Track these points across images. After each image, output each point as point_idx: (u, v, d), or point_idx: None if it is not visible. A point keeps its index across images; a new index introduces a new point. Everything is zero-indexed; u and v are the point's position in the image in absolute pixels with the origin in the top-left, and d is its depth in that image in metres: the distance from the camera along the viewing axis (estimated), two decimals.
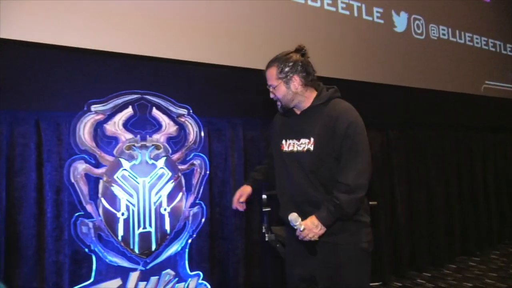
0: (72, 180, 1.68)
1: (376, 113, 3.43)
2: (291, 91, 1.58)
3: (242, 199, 1.80)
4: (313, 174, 1.55)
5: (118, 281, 1.77)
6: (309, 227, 1.47)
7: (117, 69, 2.17)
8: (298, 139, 1.59)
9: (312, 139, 1.54)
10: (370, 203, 1.78)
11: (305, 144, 1.57)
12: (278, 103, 1.63)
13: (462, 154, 4.07)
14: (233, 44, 2.62)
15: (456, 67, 4.00)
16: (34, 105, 2.03)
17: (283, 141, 1.65)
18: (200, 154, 2.03)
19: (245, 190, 1.82)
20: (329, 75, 3.04)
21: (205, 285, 2.03)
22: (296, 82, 1.57)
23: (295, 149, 1.60)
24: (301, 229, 1.46)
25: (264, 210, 2.08)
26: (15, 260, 1.93)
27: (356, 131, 1.50)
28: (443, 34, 4.01)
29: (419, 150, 3.74)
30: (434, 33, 3.89)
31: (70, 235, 1.76)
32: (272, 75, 1.59)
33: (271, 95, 1.63)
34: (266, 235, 2.05)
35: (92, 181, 1.75)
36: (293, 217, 1.47)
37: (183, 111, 1.99)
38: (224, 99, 2.64)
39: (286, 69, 1.56)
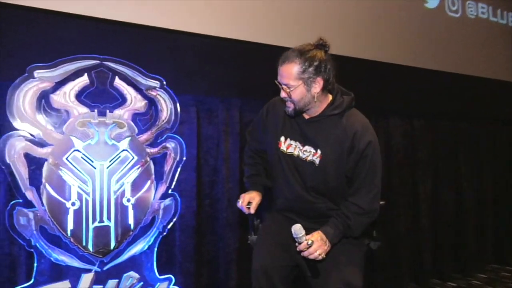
0: (8, 161, 1.38)
1: (400, 99, 3.00)
2: (310, 95, 1.39)
3: (252, 210, 1.52)
4: (312, 188, 1.44)
5: (66, 284, 1.47)
6: (319, 243, 1.32)
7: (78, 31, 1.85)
8: (303, 144, 1.44)
9: (319, 152, 1.41)
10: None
11: (310, 154, 1.42)
12: (290, 105, 1.41)
13: (499, 150, 3.57)
14: (230, 12, 2.28)
15: (495, 51, 3.50)
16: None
17: (282, 138, 1.48)
18: (174, 135, 1.70)
19: (255, 199, 1.53)
20: (348, 54, 2.67)
21: None
22: (318, 85, 1.38)
23: (296, 153, 1.45)
24: (309, 243, 1.31)
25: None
26: None
27: (375, 151, 1.40)
28: (482, 13, 3.52)
29: (448, 143, 3.27)
30: (471, 11, 3.42)
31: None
32: (291, 73, 1.37)
33: (283, 95, 1.40)
34: (249, 237, 1.70)
35: (34, 162, 1.44)
36: (297, 228, 1.31)
37: (154, 83, 1.66)
38: (217, 75, 2.30)
39: (311, 69, 1.36)
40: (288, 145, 1.46)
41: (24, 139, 1.42)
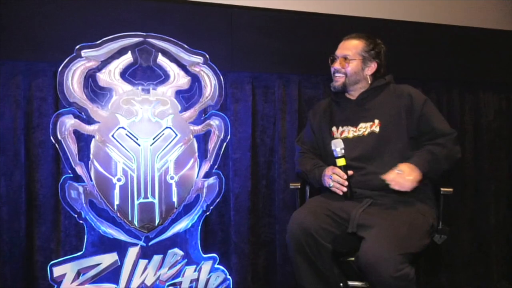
0: (59, 137, 1.47)
1: (494, 69, 2.55)
2: (362, 73, 1.55)
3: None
4: (373, 155, 1.48)
5: (113, 256, 1.53)
6: (408, 169, 1.36)
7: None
8: (355, 125, 1.53)
9: (376, 121, 1.50)
10: (445, 189, 1.54)
11: (366, 128, 1.51)
12: (340, 79, 1.55)
13: None
14: None
15: None
16: (51, 56, 1.87)
17: (334, 128, 1.58)
18: (219, 113, 1.65)
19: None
20: (419, 19, 2.35)
21: (222, 270, 1.68)
22: (372, 67, 1.55)
23: (350, 135, 1.53)
24: (398, 170, 1.35)
25: (292, 186, 1.63)
26: (35, 219, 1.85)
27: (433, 107, 1.54)
28: None
29: None
30: None
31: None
32: (355, 47, 1.54)
33: (336, 66, 1.56)
34: None
35: (83, 139, 1.51)
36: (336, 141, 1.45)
37: (198, 58, 1.61)
38: (274, 50, 2.18)
39: (372, 51, 1.55)
40: (342, 132, 1.54)
41: (73, 117, 1.49)
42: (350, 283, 1.45)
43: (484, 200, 2.45)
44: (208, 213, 1.66)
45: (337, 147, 1.43)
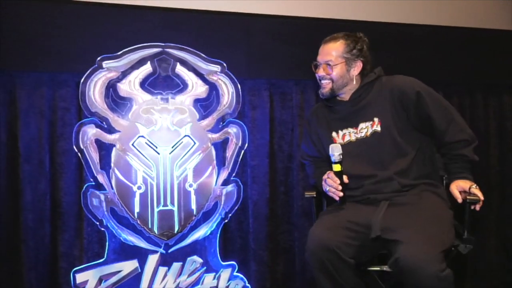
0: (81, 146, 1.51)
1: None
2: (348, 76, 1.47)
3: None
4: (381, 161, 1.43)
5: (134, 263, 1.56)
6: (461, 185, 1.37)
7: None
8: (355, 126, 1.47)
9: (376, 120, 1.44)
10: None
11: (367, 129, 1.45)
12: (326, 85, 1.48)
13: None
14: None
15: None
16: (73, 67, 1.93)
17: (333, 134, 1.51)
18: (236, 120, 1.66)
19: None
20: (437, 23, 2.30)
21: (241, 278, 1.68)
22: (357, 67, 1.47)
23: (353, 138, 1.47)
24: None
25: (307, 195, 1.61)
26: (59, 226, 1.90)
27: (431, 93, 1.45)
28: None
29: None
30: None
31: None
32: (336, 50, 1.47)
33: (320, 73, 1.49)
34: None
35: (104, 148, 1.55)
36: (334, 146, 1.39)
37: (215, 67, 1.63)
38: (291, 57, 2.18)
39: (354, 50, 1.46)
40: (343, 136, 1.48)
41: (95, 126, 1.53)
42: None
43: (511, 206, 2.38)
44: (226, 220, 1.67)
45: (335, 152, 1.37)
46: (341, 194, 1.37)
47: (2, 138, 1.85)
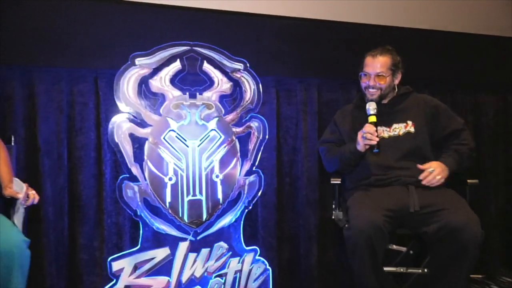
0: (116, 140, 1.57)
1: (492, 73, 2.76)
2: (393, 85, 1.74)
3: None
4: (411, 153, 1.69)
5: (166, 250, 1.64)
6: (439, 168, 1.61)
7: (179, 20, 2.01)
8: (389, 126, 1.72)
9: (410, 122, 1.71)
10: (471, 181, 1.79)
11: (400, 129, 1.71)
12: (375, 92, 1.72)
13: None
14: None
15: None
16: (92, 63, 1.97)
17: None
18: (258, 115, 1.78)
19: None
20: (426, 27, 2.53)
21: (263, 261, 1.81)
22: (399, 77, 1.76)
23: (385, 135, 1.71)
24: (430, 170, 1.59)
25: (332, 181, 1.77)
26: (78, 219, 1.94)
27: (448, 110, 1.80)
28: None
29: None
30: None
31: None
32: (386, 63, 1.72)
33: (371, 82, 1.71)
34: (334, 212, 1.75)
35: (137, 141, 1.62)
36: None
37: (238, 65, 1.74)
38: (295, 56, 2.32)
39: (398, 64, 1.74)
40: (379, 132, 1.65)
41: (128, 121, 1.60)
42: None
43: (485, 192, 2.66)
44: (250, 208, 1.79)
45: (371, 106, 1.64)
46: (377, 139, 1.58)
47: (21, 133, 1.87)
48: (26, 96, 1.86)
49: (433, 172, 1.59)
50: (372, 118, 1.62)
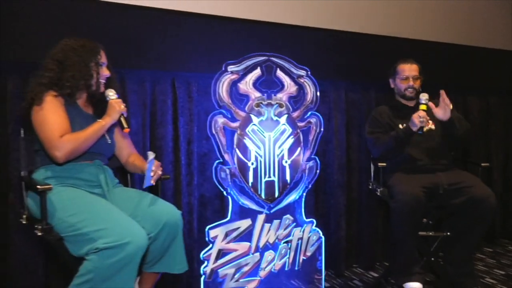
0: (213, 132, 1.93)
1: (477, 78, 3.35)
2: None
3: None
4: (436, 147, 2.23)
5: (248, 221, 2.03)
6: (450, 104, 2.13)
7: (244, 33, 2.41)
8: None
9: (430, 122, 2.21)
10: (483, 164, 2.33)
11: (425, 127, 2.16)
12: (412, 92, 2.31)
13: None
14: (339, 8, 2.74)
15: None
16: (170, 66, 2.31)
17: (400, 126, 2.23)
18: (316, 113, 2.20)
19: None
20: (422, 37, 3.05)
21: (318, 231, 2.24)
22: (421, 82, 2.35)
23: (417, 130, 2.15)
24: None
25: (380, 165, 2.22)
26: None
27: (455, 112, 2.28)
28: None
29: None
30: None
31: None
32: (418, 69, 2.32)
33: (411, 83, 2.30)
34: (378, 189, 2.20)
35: (229, 133, 1.99)
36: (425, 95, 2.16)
37: (302, 72, 2.15)
38: (328, 62, 2.77)
39: (421, 71, 2.34)
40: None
41: (222, 116, 1.96)
42: None
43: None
44: (309, 187, 2.21)
45: (423, 97, 2.12)
46: (431, 122, 2.18)
47: None
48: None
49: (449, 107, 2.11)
50: (423, 107, 2.09)
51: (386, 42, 2.93)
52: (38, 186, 1.41)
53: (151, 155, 1.60)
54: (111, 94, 1.71)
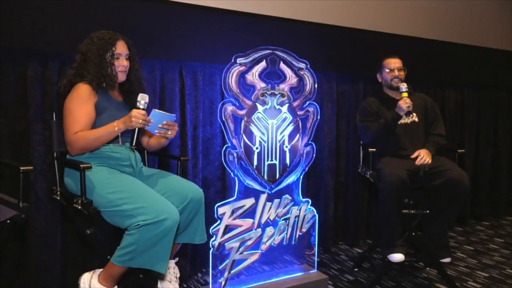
0: (223, 119, 2.12)
1: (453, 73, 3.64)
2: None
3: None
4: (419, 137, 2.52)
5: (252, 200, 2.24)
6: (427, 154, 2.38)
7: (246, 27, 2.58)
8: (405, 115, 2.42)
9: (414, 114, 2.45)
10: (460, 150, 2.61)
11: (408, 118, 2.46)
12: (397, 81, 2.54)
13: None
14: (333, 3, 2.93)
15: None
16: (178, 57, 2.46)
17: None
18: (313, 102, 2.41)
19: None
20: (406, 33, 3.30)
21: (312, 210, 2.47)
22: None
23: (403, 121, 2.46)
24: (421, 156, 2.36)
25: (370, 150, 2.46)
26: None
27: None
28: None
29: (489, 110, 3.94)
30: None
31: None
32: (401, 63, 2.60)
33: (396, 73, 2.56)
34: (368, 173, 2.45)
35: (237, 120, 2.18)
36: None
37: (302, 65, 2.35)
38: (321, 54, 2.98)
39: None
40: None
41: (231, 104, 2.15)
42: None
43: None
44: (306, 170, 2.43)
45: (403, 86, 2.40)
46: (415, 114, 2.45)
47: None
48: None
49: (423, 157, 2.34)
50: (405, 94, 2.39)
51: (375, 38, 3.17)
52: (81, 165, 1.56)
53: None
54: (141, 101, 1.71)
